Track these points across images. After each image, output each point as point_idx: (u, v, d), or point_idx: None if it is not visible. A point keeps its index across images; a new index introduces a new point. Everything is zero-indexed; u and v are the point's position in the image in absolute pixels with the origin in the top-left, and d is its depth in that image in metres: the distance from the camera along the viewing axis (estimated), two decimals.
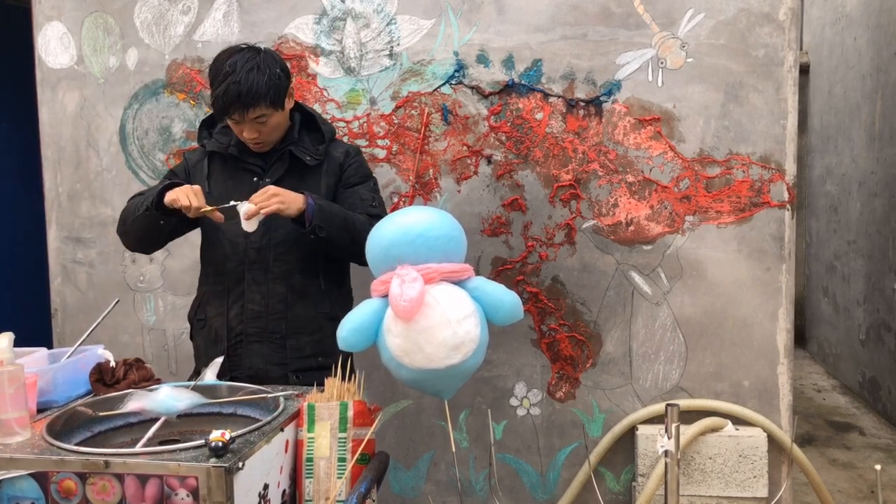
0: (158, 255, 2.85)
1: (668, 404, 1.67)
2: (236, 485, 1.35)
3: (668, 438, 1.65)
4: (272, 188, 1.91)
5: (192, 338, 2.20)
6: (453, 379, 1.83)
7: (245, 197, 1.92)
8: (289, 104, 2.04)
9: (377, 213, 2.04)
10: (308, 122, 2.15)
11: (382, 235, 1.84)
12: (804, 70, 6.33)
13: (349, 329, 1.80)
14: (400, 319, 1.72)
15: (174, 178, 2.12)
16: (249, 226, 1.90)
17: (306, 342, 2.07)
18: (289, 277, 2.05)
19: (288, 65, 2.07)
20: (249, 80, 1.89)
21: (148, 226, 2.01)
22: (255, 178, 2.06)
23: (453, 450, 2.12)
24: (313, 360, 2.07)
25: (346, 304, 2.15)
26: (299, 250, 2.03)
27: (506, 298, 1.87)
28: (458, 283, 1.83)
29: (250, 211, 1.87)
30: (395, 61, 2.68)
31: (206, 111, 2.79)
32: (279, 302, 2.04)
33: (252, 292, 2.05)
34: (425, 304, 1.71)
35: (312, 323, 2.07)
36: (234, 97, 1.89)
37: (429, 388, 1.89)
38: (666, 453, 1.67)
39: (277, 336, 2.05)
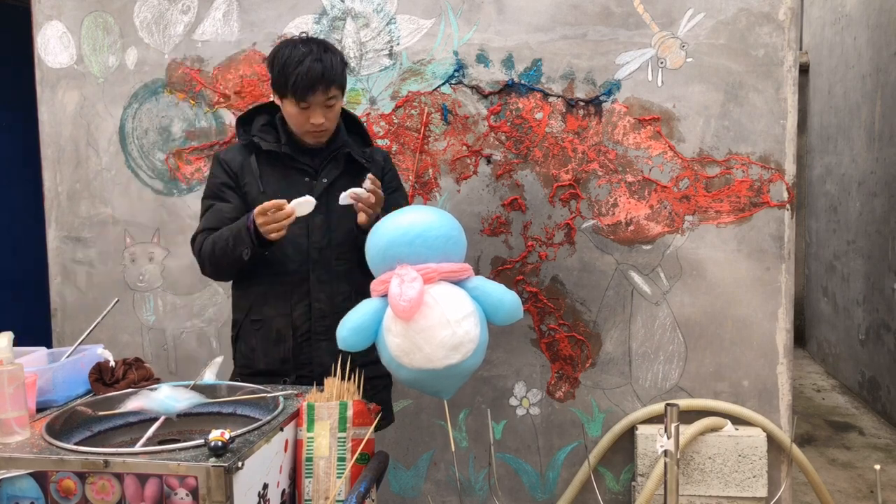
0: (158, 254, 2.85)
1: (667, 404, 1.67)
2: (236, 484, 1.35)
3: (668, 438, 1.65)
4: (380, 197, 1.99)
5: (235, 340, 2.16)
6: (453, 379, 1.83)
7: (298, 195, 1.93)
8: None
9: None
10: (349, 124, 2.19)
11: (381, 235, 1.83)
12: (804, 70, 6.34)
13: (349, 329, 1.80)
14: (399, 319, 1.72)
15: (225, 193, 2.08)
16: (305, 207, 1.90)
17: None
18: (351, 275, 2.09)
19: None
20: (328, 59, 1.96)
21: (249, 263, 2.01)
22: (307, 178, 2.07)
23: (453, 449, 2.12)
24: (375, 353, 2.08)
25: None
26: (359, 250, 2.02)
27: (506, 298, 1.87)
28: (458, 282, 1.82)
29: (353, 194, 1.93)
30: (394, 61, 2.68)
31: (205, 111, 2.79)
32: (344, 300, 2.06)
33: (317, 291, 2.07)
34: (424, 304, 1.71)
35: None
36: (319, 74, 1.93)
37: (428, 388, 1.89)
38: (665, 453, 1.67)
39: None
